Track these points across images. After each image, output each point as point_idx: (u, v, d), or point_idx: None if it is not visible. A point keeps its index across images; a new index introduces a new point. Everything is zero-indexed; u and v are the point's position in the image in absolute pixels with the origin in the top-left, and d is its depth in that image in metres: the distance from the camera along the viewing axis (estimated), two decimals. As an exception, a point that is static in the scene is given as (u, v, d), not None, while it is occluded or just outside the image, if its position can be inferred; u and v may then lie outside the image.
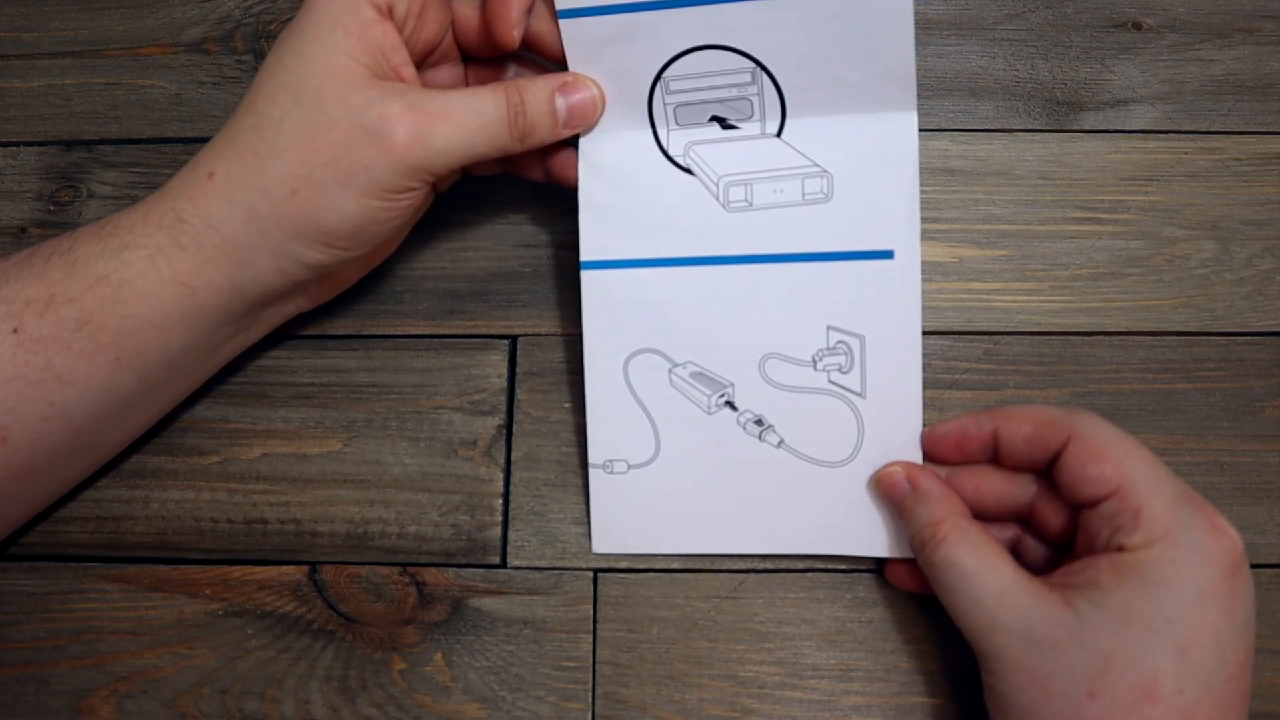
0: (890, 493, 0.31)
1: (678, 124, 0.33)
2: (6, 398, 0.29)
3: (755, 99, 0.33)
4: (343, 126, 0.29)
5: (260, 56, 0.40)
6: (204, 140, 0.40)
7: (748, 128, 0.33)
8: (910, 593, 0.33)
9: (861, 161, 0.32)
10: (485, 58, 0.34)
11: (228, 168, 0.30)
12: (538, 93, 0.32)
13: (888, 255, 0.32)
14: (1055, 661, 0.26)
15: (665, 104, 0.33)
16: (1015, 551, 0.31)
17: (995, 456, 0.31)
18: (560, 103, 0.32)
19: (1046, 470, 0.30)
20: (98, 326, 0.29)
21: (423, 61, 0.33)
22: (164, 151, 0.39)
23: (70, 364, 0.29)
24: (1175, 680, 0.26)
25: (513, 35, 0.31)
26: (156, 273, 0.29)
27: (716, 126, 0.33)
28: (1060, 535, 0.30)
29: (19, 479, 0.30)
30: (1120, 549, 0.27)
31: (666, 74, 0.33)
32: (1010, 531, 0.32)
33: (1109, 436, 0.28)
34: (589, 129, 0.33)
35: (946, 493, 0.30)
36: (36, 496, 0.33)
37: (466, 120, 0.30)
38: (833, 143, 0.32)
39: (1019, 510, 0.31)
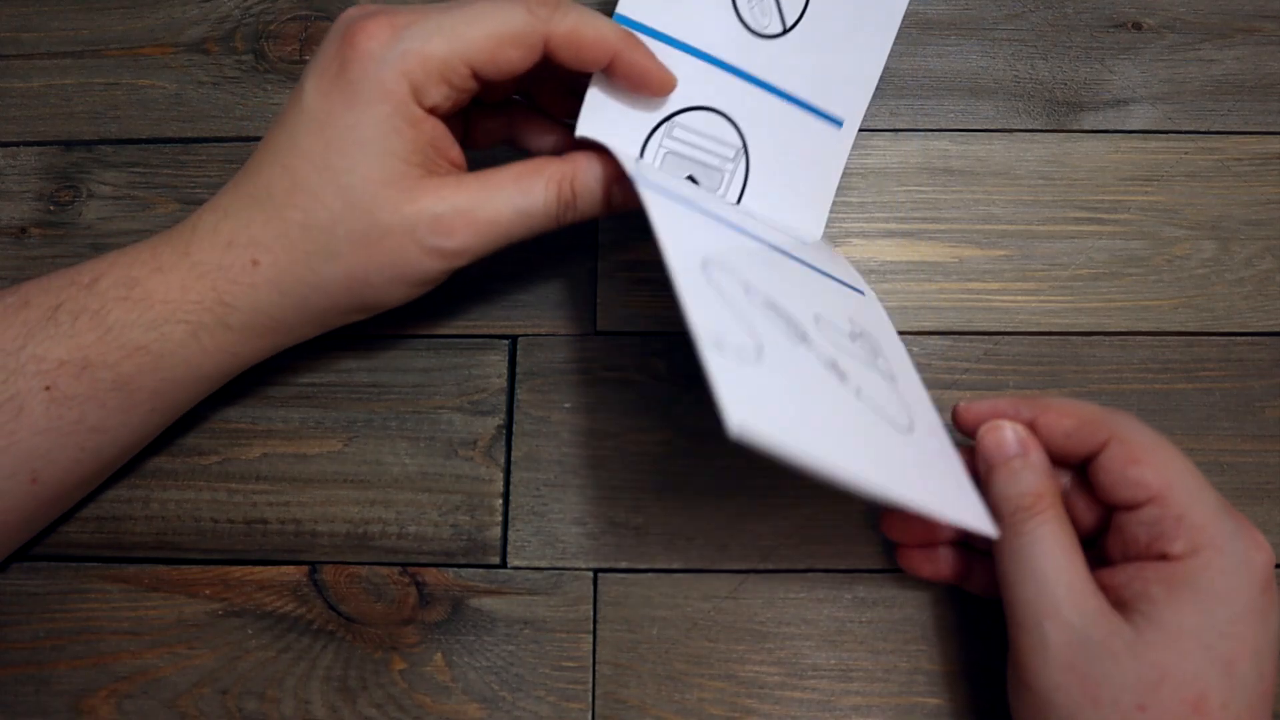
0: (999, 448, 0.30)
1: (659, 168, 0.33)
2: (38, 447, 0.29)
3: (729, 175, 0.34)
4: (397, 235, 0.29)
5: (260, 57, 0.40)
6: (204, 140, 0.40)
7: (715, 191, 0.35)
8: (917, 584, 0.33)
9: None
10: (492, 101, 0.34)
11: (276, 259, 0.30)
12: (591, 184, 0.31)
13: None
14: (1108, 670, 0.26)
15: (660, 146, 0.33)
16: None
17: None
18: (615, 190, 0.32)
19: (1079, 466, 0.30)
20: (135, 388, 0.30)
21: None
22: (164, 151, 0.39)
23: (104, 417, 0.30)
24: (1222, 695, 0.26)
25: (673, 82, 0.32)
26: (199, 345, 0.30)
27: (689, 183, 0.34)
28: (1090, 531, 0.30)
29: (46, 508, 0.32)
30: (1162, 556, 0.27)
31: (676, 119, 0.33)
32: None
33: (1150, 441, 0.28)
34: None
35: (1051, 468, 0.30)
36: (57, 516, 0.34)
37: (516, 221, 0.30)
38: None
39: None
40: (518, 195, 0.30)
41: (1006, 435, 0.30)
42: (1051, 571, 0.27)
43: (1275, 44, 0.39)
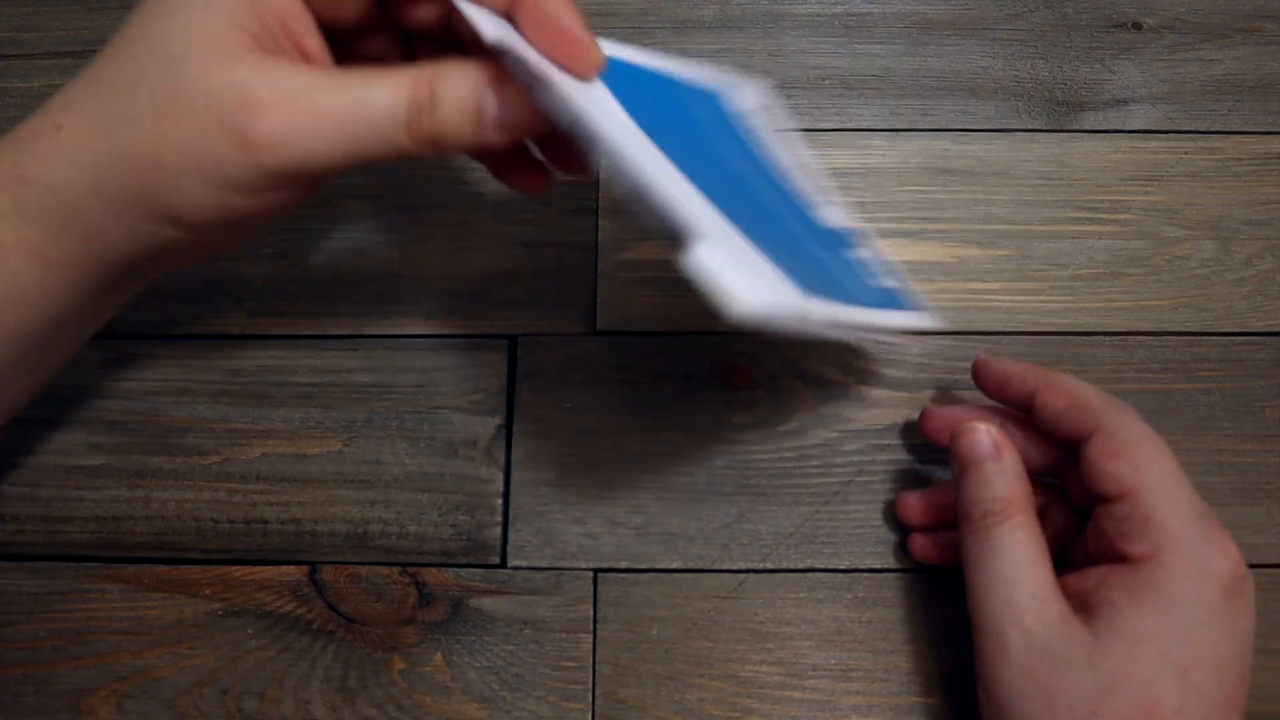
0: (972, 450, 0.29)
1: None
2: None
3: None
4: (197, 109, 0.24)
5: (260, 56, 0.40)
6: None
7: None
8: (917, 584, 0.33)
9: None
10: (433, 35, 0.28)
11: (76, 121, 0.25)
12: (458, 84, 0.24)
13: None
14: (1065, 678, 0.26)
15: None
16: (1041, 517, 0.31)
17: (1029, 414, 0.31)
18: (489, 100, 0.25)
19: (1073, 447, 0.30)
20: None
21: (347, 32, 0.27)
22: (164, 151, 0.39)
23: None
24: (1176, 701, 0.26)
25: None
26: (0, 242, 0.25)
27: None
28: (1084, 505, 0.30)
29: None
30: (1124, 556, 0.27)
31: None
32: (1042, 499, 0.31)
33: (1135, 436, 0.28)
34: (535, 134, 0.25)
35: (1024, 473, 0.29)
36: None
37: (349, 117, 0.24)
38: None
39: (1052, 468, 0.31)
40: (358, 85, 0.24)
41: (980, 438, 0.29)
42: (1018, 578, 0.27)
43: (1275, 44, 0.39)
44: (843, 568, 0.34)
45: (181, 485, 0.35)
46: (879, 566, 0.34)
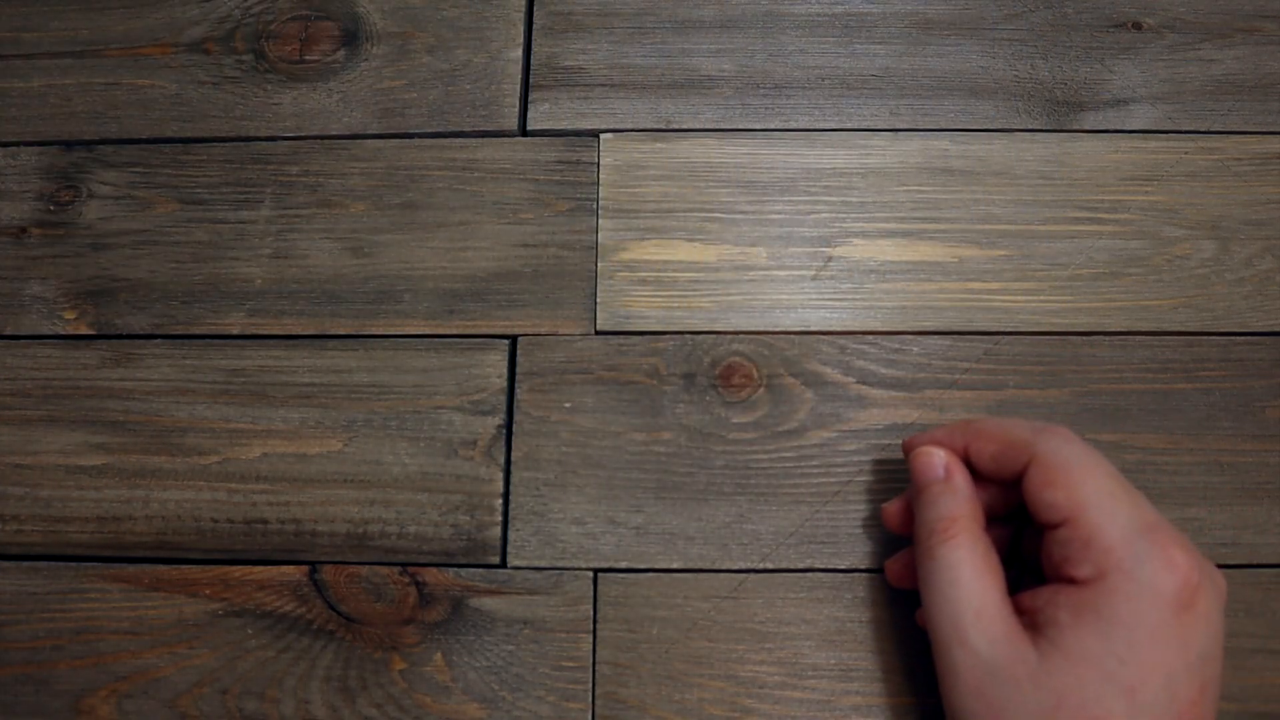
0: (922, 473, 0.30)
1: None
2: None
3: None
4: None
5: (260, 56, 0.40)
6: (204, 140, 0.40)
7: None
8: (905, 591, 0.33)
9: None
10: None
11: None
12: None
13: None
14: (1010, 695, 0.26)
15: None
16: (1015, 541, 0.31)
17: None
18: None
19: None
20: None
21: None
22: (164, 151, 0.39)
23: None
24: (1123, 718, 0.26)
25: None
26: None
27: None
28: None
29: None
30: (1070, 580, 0.27)
31: None
32: (1007, 530, 0.32)
33: (1069, 460, 0.28)
34: None
35: (973, 495, 0.30)
36: None
37: None
38: None
39: (1014, 506, 0.31)
40: None
41: (932, 460, 0.30)
42: (960, 596, 0.28)
43: (1275, 44, 0.39)
44: (843, 568, 0.34)
45: (181, 485, 0.35)
46: (879, 566, 0.34)
